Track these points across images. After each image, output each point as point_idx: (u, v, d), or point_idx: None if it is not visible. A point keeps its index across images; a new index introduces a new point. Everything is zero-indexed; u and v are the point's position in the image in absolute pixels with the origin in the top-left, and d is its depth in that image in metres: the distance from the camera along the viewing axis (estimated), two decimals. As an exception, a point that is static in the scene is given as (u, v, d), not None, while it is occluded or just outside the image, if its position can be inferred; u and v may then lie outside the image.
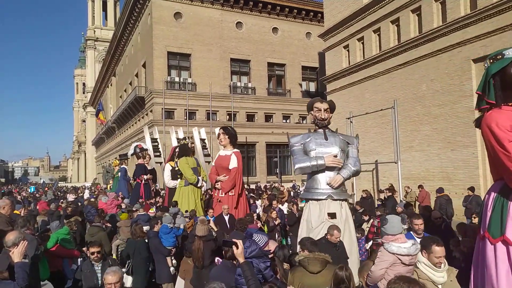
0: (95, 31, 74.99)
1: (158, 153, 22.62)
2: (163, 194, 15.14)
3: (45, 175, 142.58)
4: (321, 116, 6.09)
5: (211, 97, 27.93)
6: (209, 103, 27.92)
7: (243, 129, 26.66)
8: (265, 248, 4.18)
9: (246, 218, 7.31)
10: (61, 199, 19.16)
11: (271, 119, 31.07)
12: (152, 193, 14.93)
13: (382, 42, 19.37)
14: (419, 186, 14.82)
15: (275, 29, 31.50)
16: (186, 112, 27.47)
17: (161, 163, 21.75)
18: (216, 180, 9.45)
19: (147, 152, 16.95)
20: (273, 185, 24.07)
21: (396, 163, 15.51)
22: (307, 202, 6.12)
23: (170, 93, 27.26)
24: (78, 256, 6.94)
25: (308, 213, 5.93)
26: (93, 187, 39.29)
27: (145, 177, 14.65)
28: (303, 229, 5.94)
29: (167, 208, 9.47)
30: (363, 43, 20.75)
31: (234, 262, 4.22)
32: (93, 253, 5.06)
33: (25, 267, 3.77)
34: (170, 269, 6.82)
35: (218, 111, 28.82)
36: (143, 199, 13.40)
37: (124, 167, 16.89)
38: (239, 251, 3.52)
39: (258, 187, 22.52)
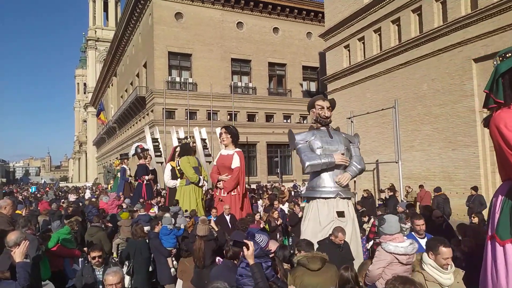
0: (96, 31, 75.06)
1: (159, 153, 22.63)
2: (164, 194, 15.16)
3: (46, 175, 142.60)
4: (325, 114, 5.99)
5: (212, 97, 27.94)
6: (210, 103, 27.94)
7: (244, 129, 26.63)
8: (266, 248, 4.19)
9: (247, 218, 7.31)
10: (62, 199, 19.17)
11: (271, 119, 31.07)
12: (154, 193, 14.93)
13: (382, 42, 19.36)
14: (420, 186, 14.81)
15: (275, 29, 31.50)
16: (187, 112, 27.48)
17: (162, 163, 21.77)
18: (218, 179, 9.37)
19: (148, 152, 16.94)
20: (273, 185, 24.08)
21: (397, 162, 15.51)
22: (311, 201, 5.94)
23: (171, 93, 27.28)
24: (79, 255, 6.95)
25: (316, 212, 5.75)
26: (94, 187, 39.34)
27: (146, 178, 14.64)
28: (307, 228, 5.77)
29: (168, 208, 9.46)
30: (363, 43, 20.74)
31: (234, 261, 4.23)
32: (94, 257, 4.84)
33: (26, 267, 3.78)
34: (171, 270, 6.82)
35: (219, 111, 28.83)
36: (144, 199, 13.41)
37: (124, 166, 16.88)
38: (249, 252, 3.48)
39: (260, 186, 22.51)
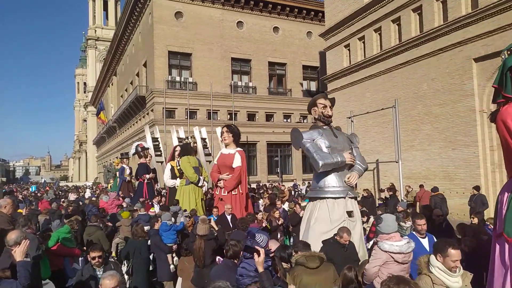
0: (96, 31, 75.04)
1: (159, 152, 22.66)
2: (164, 193, 15.16)
3: (46, 175, 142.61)
4: (328, 113, 5.95)
5: (212, 97, 27.93)
6: (210, 102, 27.93)
7: (244, 129, 26.57)
8: (266, 248, 4.19)
9: (247, 218, 7.31)
10: (62, 198, 19.18)
11: (272, 119, 31.07)
12: (155, 192, 14.95)
13: (383, 41, 19.35)
14: (420, 186, 14.82)
15: (276, 29, 31.49)
16: (187, 111, 27.47)
17: (162, 162, 21.79)
18: (219, 178, 9.33)
19: (148, 151, 16.95)
20: (273, 184, 24.08)
21: (397, 162, 15.52)
22: (318, 201, 5.81)
23: (171, 93, 27.27)
24: (79, 255, 6.96)
25: (326, 211, 5.64)
26: (94, 186, 39.36)
27: (147, 176, 14.64)
28: (315, 228, 5.61)
29: (168, 207, 9.46)
30: (364, 42, 20.73)
31: (235, 261, 4.23)
32: (94, 257, 4.74)
33: (27, 266, 3.79)
34: (170, 267, 6.82)
35: (219, 110, 28.83)
36: (144, 198, 13.41)
37: (123, 166, 16.87)
38: (260, 259, 3.40)
39: (260, 186, 22.50)
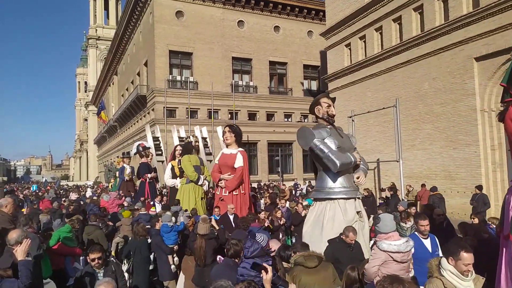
0: (96, 30, 75.08)
1: (160, 151, 22.67)
2: (165, 193, 15.17)
3: (47, 174, 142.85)
4: (332, 112, 5.94)
5: (212, 96, 27.93)
6: (210, 101, 27.93)
7: (244, 128, 26.51)
8: (267, 248, 4.19)
9: (248, 217, 7.30)
10: (63, 198, 19.21)
11: (272, 118, 31.06)
12: (157, 191, 14.95)
13: (384, 41, 19.34)
14: (422, 185, 14.80)
15: (276, 28, 31.47)
16: (188, 110, 27.48)
17: (162, 161, 21.80)
18: (220, 178, 9.28)
19: (149, 150, 16.95)
20: (272, 183, 24.07)
21: (398, 161, 15.50)
22: (327, 201, 5.71)
23: (171, 92, 27.28)
24: (80, 254, 6.97)
25: (339, 212, 5.56)
26: (95, 185, 39.41)
27: (149, 176, 14.64)
28: (328, 229, 5.46)
29: (169, 207, 9.46)
30: (365, 41, 20.71)
31: (235, 260, 4.23)
32: (94, 259, 4.55)
33: (28, 265, 3.79)
34: (171, 267, 6.82)
35: (220, 109, 28.83)
36: (145, 197, 13.41)
37: (123, 165, 16.87)
38: (267, 277, 3.31)
39: (261, 186, 22.51)
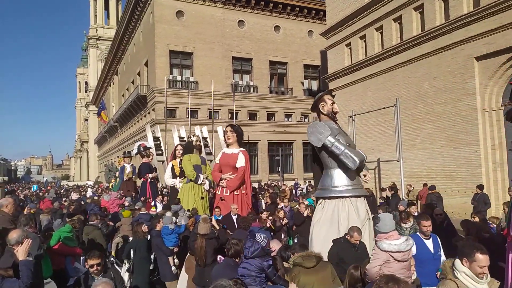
0: (97, 30, 75.12)
1: (160, 151, 22.67)
2: (166, 193, 15.17)
3: (47, 174, 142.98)
4: (336, 109, 5.91)
5: (213, 96, 27.94)
6: (211, 101, 27.94)
7: (245, 128, 26.29)
8: (267, 247, 4.20)
9: (249, 217, 7.29)
10: (64, 198, 19.23)
11: (273, 118, 31.06)
12: (159, 191, 14.96)
13: (384, 40, 19.32)
14: (424, 185, 14.77)
15: (277, 28, 31.46)
16: (188, 110, 27.49)
17: (163, 161, 21.81)
18: (221, 178, 9.23)
19: (150, 150, 16.97)
20: (273, 183, 24.06)
21: (398, 161, 15.49)
22: (337, 200, 5.62)
23: (172, 92, 27.29)
24: (81, 254, 6.97)
25: (352, 210, 5.50)
26: (96, 185, 39.44)
27: (150, 176, 14.65)
28: (343, 229, 5.32)
29: (169, 207, 9.45)
30: (365, 41, 20.70)
31: (236, 260, 4.24)
32: (93, 265, 4.36)
33: (29, 265, 3.79)
34: (172, 268, 6.83)
35: (220, 109, 28.83)
36: (146, 197, 13.42)
37: (124, 165, 16.88)
38: None
39: (261, 186, 22.49)
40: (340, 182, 5.69)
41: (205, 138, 23.16)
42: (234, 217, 8.17)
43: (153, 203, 12.01)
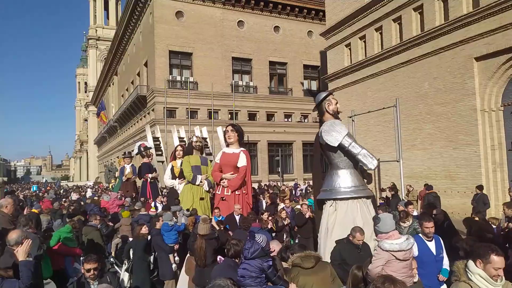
0: (96, 30, 75.11)
1: (160, 152, 22.63)
2: (165, 193, 15.15)
3: (47, 174, 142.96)
4: (339, 109, 5.97)
5: (212, 96, 27.93)
6: (210, 102, 27.93)
7: (244, 128, 26.24)
8: (266, 248, 4.18)
9: (249, 217, 7.28)
10: (63, 198, 19.22)
11: (272, 118, 31.05)
12: (159, 191, 14.92)
13: (384, 41, 19.33)
14: (425, 185, 14.75)
15: (276, 28, 31.46)
16: (188, 111, 27.48)
17: (162, 162, 21.77)
18: (221, 177, 9.16)
19: (150, 150, 16.95)
20: (272, 183, 24.04)
21: (398, 161, 15.47)
22: (349, 201, 5.54)
23: (171, 92, 27.28)
24: (81, 254, 6.95)
25: (364, 211, 5.46)
26: (95, 186, 39.42)
27: (150, 176, 14.62)
28: (366, 230, 5.15)
29: (169, 207, 9.44)
30: (365, 41, 20.70)
31: (236, 260, 4.23)
32: (89, 270, 4.23)
33: (29, 266, 3.78)
34: (172, 266, 6.81)
35: (220, 110, 28.82)
36: (146, 198, 13.40)
37: (124, 166, 16.85)
38: None
39: (261, 187, 22.46)
40: (351, 183, 5.60)
41: (204, 139, 23.12)
42: (237, 217, 8.10)
43: (153, 203, 11.99)
